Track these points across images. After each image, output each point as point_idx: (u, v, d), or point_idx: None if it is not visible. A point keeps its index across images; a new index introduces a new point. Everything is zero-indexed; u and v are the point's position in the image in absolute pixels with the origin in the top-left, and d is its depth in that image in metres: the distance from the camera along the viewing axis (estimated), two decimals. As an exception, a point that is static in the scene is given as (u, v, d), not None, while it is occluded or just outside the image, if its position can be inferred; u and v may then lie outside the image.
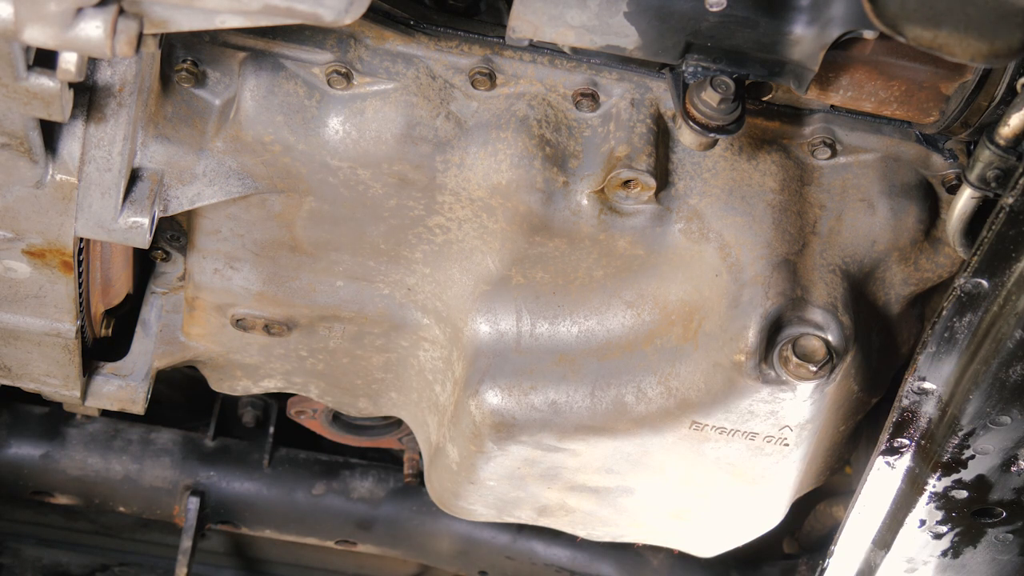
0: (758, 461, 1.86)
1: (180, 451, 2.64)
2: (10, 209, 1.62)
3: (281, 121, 1.68)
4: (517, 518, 2.11)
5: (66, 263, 1.71)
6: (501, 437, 1.85)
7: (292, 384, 2.10)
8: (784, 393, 1.71)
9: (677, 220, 1.73)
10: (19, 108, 1.41)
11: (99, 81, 1.54)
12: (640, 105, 1.70)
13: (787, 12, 1.55)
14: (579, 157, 1.71)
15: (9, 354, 1.91)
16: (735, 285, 1.71)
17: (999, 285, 1.51)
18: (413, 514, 2.68)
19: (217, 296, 1.90)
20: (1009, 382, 1.57)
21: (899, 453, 1.74)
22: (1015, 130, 1.51)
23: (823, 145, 1.77)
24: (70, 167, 1.58)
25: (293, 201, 1.77)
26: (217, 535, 2.99)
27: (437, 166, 1.71)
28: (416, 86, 1.68)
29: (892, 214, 1.77)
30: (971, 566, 1.87)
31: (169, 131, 1.68)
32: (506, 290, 1.82)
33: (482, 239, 1.79)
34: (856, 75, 1.63)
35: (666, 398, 1.78)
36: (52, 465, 2.59)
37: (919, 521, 1.79)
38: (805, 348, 1.68)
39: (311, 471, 2.69)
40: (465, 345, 1.85)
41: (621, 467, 1.91)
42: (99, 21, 1.21)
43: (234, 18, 1.29)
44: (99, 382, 2.04)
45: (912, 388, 1.64)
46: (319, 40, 1.66)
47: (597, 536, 2.17)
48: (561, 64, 1.70)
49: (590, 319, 1.82)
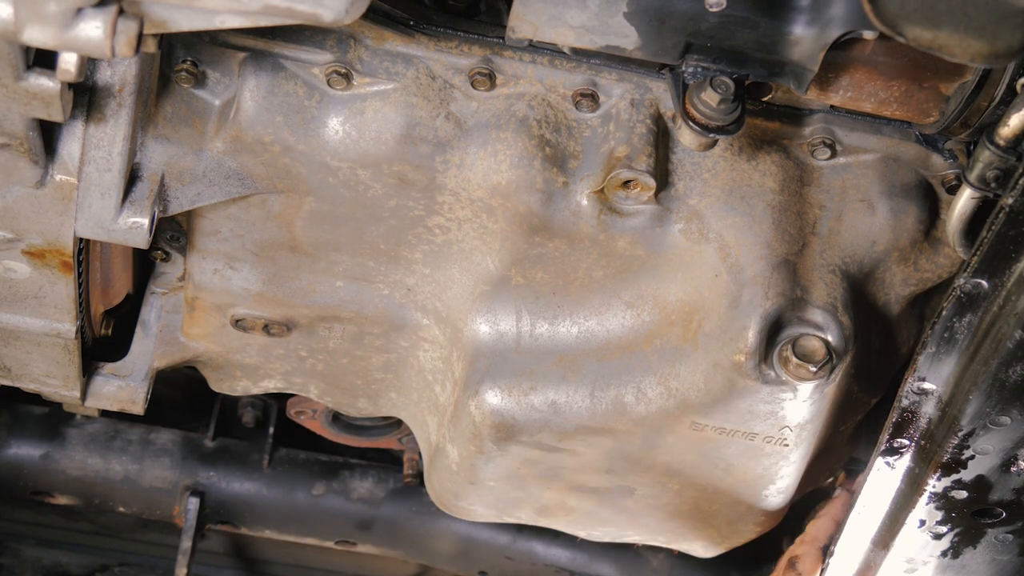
0: (758, 461, 1.86)
1: (180, 451, 2.64)
2: (10, 209, 1.62)
3: (281, 121, 1.68)
4: (517, 518, 2.11)
5: (66, 263, 1.70)
6: (501, 437, 1.84)
7: (292, 384, 2.10)
8: (784, 393, 1.71)
9: (677, 220, 1.73)
10: (19, 108, 1.41)
11: (99, 81, 1.54)
12: (640, 105, 1.70)
13: (787, 12, 1.55)
14: (579, 157, 1.71)
15: (9, 354, 1.91)
16: (735, 285, 1.70)
17: (999, 285, 1.50)
18: (413, 514, 2.68)
19: (217, 296, 1.90)
20: (1009, 382, 1.57)
21: (899, 453, 1.73)
22: (1015, 130, 1.51)
23: (823, 145, 1.77)
24: (70, 167, 1.58)
25: (293, 201, 1.77)
26: (217, 535, 2.99)
27: (437, 166, 1.71)
28: (416, 86, 1.68)
29: (892, 214, 1.76)
30: (971, 566, 1.87)
31: (169, 131, 1.68)
32: (506, 290, 1.82)
33: (482, 239, 1.79)
34: (856, 75, 1.63)
35: (666, 398, 1.78)
36: (52, 465, 2.59)
37: (919, 521, 1.79)
38: (805, 348, 1.68)
39: (311, 471, 2.69)
40: (465, 345, 1.85)
41: (621, 467, 1.91)
42: (99, 21, 1.21)
43: (234, 18, 1.29)
44: (99, 382, 2.04)
45: (912, 388, 1.64)
46: (319, 40, 1.66)
47: (597, 536, 2.17)
48: (561, 64, 1.70)
49: (590, 319, 1.82)
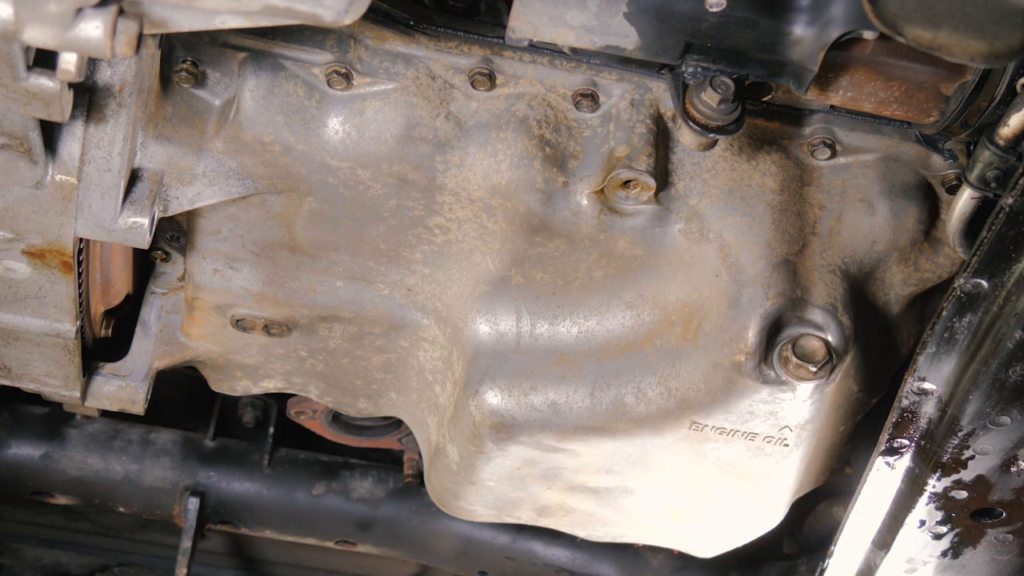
0: (758, 461, 1.86)
1: (180, 451, 2.64)
2: (10, 209, 1.61)
3: (281, 121, 1.68)
4: (517, 518, 2.11)
5: (66, 263, 1.70)
6: (501, 437, 1.84)
7: (292, 384, 2.10)
8: (784, 393, 1.71)
9: (677, 220, 1.73)
10: (19, 108, 1.41)
11: (99, 81, 1.54)
12: (640, 105, 1.70)
13: (787, 12, 1.55)
14: (579, 157, 1.71)
15: (9, 354, 1.91)
16: (735, 285, 1.70)
17: (999, 285, 1.50)
18: (413, 514, 2.68)
19: (217, 296, 1.90)
20: (1009, 382, 1.57)
21: (899, 453, 1.73)
22: (1015, 130, 1.51)
23: (823, 145, 1.77)
24: (70, 167, 1.58)
25: (293, 201, 1.77)
26: (217, 535, 2.99)
27: (437, 166, 1.71)
28: (416, 86, 1.68)
29: (892, 214, 1.76)
30: (971, 566, 1.87)
31: (169, 131, 1.68)
32: (506, 290, 1.82)
33: (482, 239, 1.79)
34: (856, 75, 1.63)
35: (666, 398, 1.78)
36: (52, 465, 2.59)
37: (919, 521, 1.79)
38: (805, 348, 1.68)
39: (311, 471, 2.69)
40: (465, 345, 1.85)
41: (621, 467, 1.91)
42: (99, 21, 1.21)
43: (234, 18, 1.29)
44: (99, 382, 2.04)
45: (912, 388, 1.64)
46: (319, 40, 1.66)
47: (597, 536, 2.17)
48: (561, 64, 1.70)
49: (590, 319, 1.82)
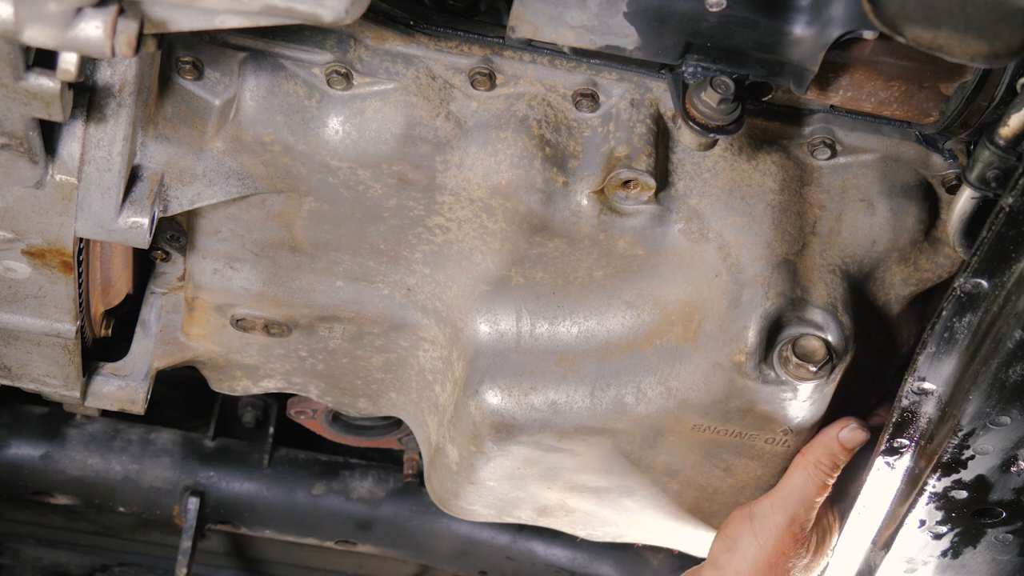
0: (758, 461, 1.86)
1: (180, 451, 2.64)
2: (10, 209, 1.61)
3: (281, 121, 1.68)
4: (517, 518, 2.11)
5: (66, 263, 1.70)
6: (501, 437, 1.84)
7: (292, 384, 2.10)
8: (784, 393, 1.71)
9: (677, 220, 1.73)
10: (19, 108, 1.41)
11: (99, 81, 1.54)
12: (640, 105, 1.70)
13: (787, 12, 1.55)
14: (579, 157, 1.71)
15: (9, 354, 1.91)
16: (735, 285, 1.70)
17: (999, 285, 1.50)
18: (413, 514, 2.68)
19: (217, 296, 1.90)
20: (1009, 382, 1.57)
21: (899, 453, 1.73)
22: (1015, 130, 1.51)
23: (823, 145, 1.77)
24: (70, 167, 1.58)
25: (293, 201, 1.77)
26: (217, 535, 2.99)
27: (437, 166, 1.71)
28: (416, 86, 1.68)
29: (892, 214, 1.76)
30: (971, 566, 1.87)
31: (169, 131, 1.68)
32: (506, 290, 1.82)
33: (482, 239, 1.79)
34: (856, 75, 1.63)
35: (666, 398, 1.77)
36: (52, 465, 2.59)
37: (919, 521, 1.79)
38: (805, 348, 1.68)
39: (311, 471, 2.69)
40: (465, 345, 1.85)
41: (621, 467, 1.91)
42: (99, 21, 1.21)
43: (234, 18, 1.29)
44: (99, 382, 2.04)
45: (912, 388, 1.64)
46: (319, 40, 1.66)
47: (597, 536, 2.17)
48: (561, 64, 1.70)
49: (590, 319, 1.82)
